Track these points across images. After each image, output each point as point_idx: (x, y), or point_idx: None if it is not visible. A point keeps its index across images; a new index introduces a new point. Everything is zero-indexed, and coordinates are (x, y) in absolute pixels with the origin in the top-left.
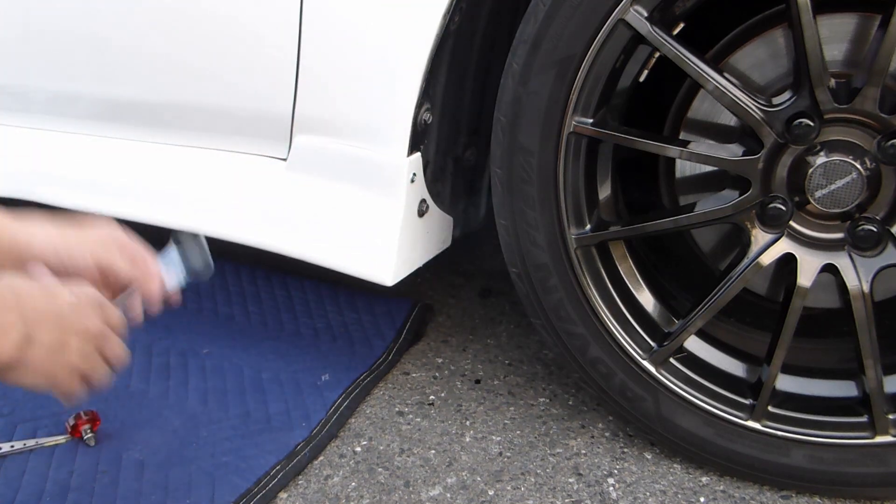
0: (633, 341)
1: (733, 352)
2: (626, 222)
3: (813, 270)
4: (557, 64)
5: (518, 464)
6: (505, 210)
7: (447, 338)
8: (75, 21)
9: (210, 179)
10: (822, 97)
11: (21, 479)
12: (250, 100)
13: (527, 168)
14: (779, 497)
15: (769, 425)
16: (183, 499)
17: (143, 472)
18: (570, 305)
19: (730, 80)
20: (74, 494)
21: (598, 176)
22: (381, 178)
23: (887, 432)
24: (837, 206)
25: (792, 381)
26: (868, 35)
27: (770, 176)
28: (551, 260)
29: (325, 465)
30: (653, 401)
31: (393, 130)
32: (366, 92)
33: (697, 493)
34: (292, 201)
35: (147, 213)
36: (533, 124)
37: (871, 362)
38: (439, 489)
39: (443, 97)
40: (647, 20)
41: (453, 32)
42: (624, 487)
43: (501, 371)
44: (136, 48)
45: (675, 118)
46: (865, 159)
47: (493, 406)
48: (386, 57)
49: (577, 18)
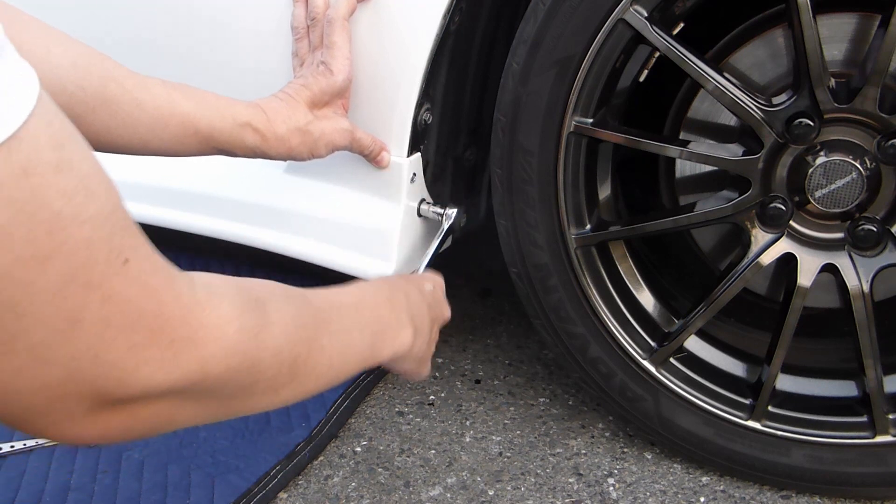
0: (633, 341)
1: (733, 352)
2: (626, 222)
3: (813, 270)
4: (557, 64)
5: (518, 464)
6: (505, 210)
7: (447, 338)
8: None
9: (210, 180)
10: (822, 97)
11: (21, 479)
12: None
13: (527, 168)
14: (779, 497)
15: (769, 425)
16: (183, 499)
17: (143, 472)
18: (570, 305)
19: (730, 80)
20: (74, 494)
21: (598, 176)
22: (381, 179)
23: (887, 432)
24: (837, 206)
25: (792, 380)
26: (868, 35)
27: (770, 176)
28: (551, 260)
29: (325, 466)
30: (653, 401)
31: (393, 130)
32: (365, 92)
33: (697, 493)
34: (292, 202)
35: (153, 211)
36: (533, 124)
37: (871, 362)
38: (439, 489)
39: (443, 97)
40: (646, 20)
41: (453, 32)
42: (624, 487)
43: (501, 371)
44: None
45: (675, 118)
46: (865, 159)
47: (493, 406)
48: (386, 57)
49: (577, 18)
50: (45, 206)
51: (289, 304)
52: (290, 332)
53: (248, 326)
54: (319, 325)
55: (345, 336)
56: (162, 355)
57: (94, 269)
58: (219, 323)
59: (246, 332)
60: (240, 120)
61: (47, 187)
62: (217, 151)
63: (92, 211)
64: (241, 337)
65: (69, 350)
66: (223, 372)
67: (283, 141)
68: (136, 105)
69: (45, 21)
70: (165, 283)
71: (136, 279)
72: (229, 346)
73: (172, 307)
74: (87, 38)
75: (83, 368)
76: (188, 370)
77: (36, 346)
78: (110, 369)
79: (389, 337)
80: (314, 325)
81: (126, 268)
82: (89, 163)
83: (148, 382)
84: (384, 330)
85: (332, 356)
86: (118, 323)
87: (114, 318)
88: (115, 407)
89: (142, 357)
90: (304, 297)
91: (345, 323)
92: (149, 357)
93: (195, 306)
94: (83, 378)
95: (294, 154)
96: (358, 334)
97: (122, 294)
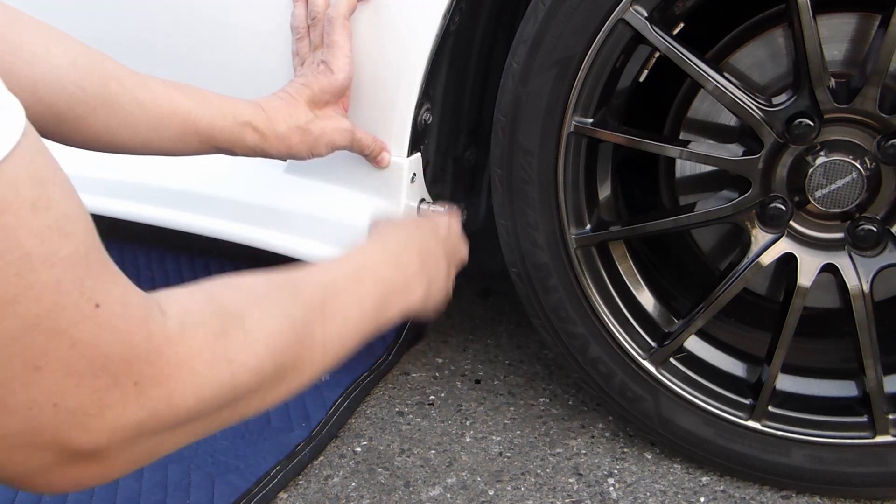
0: (633, 341)
1: (733, 352)
2: (626, 222)
3: (813, 270)
4: (557, 64)
5: (518, 464)
6: (505, 210)
7: (447, 338)
8: None
9: (209, 180)
10: (822, 97)
11: None
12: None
13: (527, 168)
14: (779, 497)
15: (769, 425)
16: (183, 499)
17: (143, 472)
18: (570, 305)
19: (730, 80)
20: (74, 494)
21: (598, 176)
22: (381, 179)
23: (887, 432)
24: (837, 206)
25: (792, 381)
26: (868, 35)
27: (770, 176)
28: (551, 260)
29: (325, 466)
30: (653, 401)
31: (393, 130)
32: (365, 92)
33: (697, 493)
34: (292, 202)
35: (153, 211)
36: (533, 124)
37: (871, 362)
38: (439, 489)
39: (443, 97)
40: (646, 20)
41: (453, 32)
42: (624, 487)
43: (501, 371)
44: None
45: (675, 118)
46: (865, 159)
47: (493, 406)
48: (386, 57)
49: (577, 18)
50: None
51: (272, 308)
52: (273, 342)
53: (221, 354)
54: (309, 318)
55: (340, 318)
56: (125, 397)
57: (61, 315)
58: (187, 358)
59: (218, 361)
60: (240, 119)
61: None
62: (218, 150)
63: (64, 253)
64: (211, 369)
65: (27, 397)
66: (195, 404)
67: (284, 139)
68: (137, 104)
69: (45, 21)
70: (137, 325)
71: (107, 324)
72: (198, 380)
73: (141, 349)
74: (87, 38)
75: (42, 417)
76: (155, 409)
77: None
78: (72, 416)
79: (396, 298)
80: (302, 322)
81: (97, 311)
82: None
83: (113, 425)
84: (390, 292)
85: (326, 344)
86: (82, 370)
87: (78, 365)
88: (86, 458)
89: (105, 401)
90: (293, 289)
91: (341, 303)
92: (113, 400)
93: (164, 344)
94: (42, 428)
95: (294, 153)
96: (357, 310)
97: (90, 340)
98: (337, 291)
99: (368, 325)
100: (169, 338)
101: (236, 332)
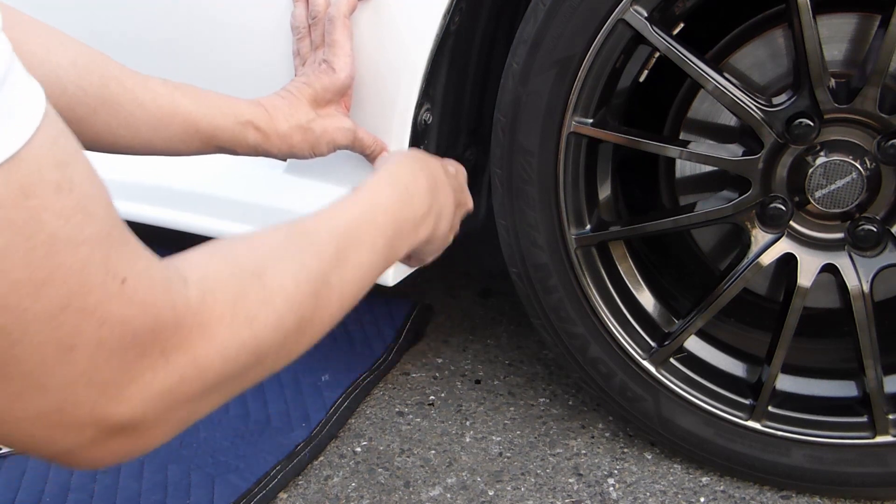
0: (633, 341)
1: (733, 352)
2: (626, 222)
3: (813, 270)
4: (557, 64)
5: (518, 464)
6: (505, 210)
7: (447, 338)
8: None
9: (209, 180)
10: (822, 97)
11: (21, 479)
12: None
13: (527, 168)
14: (779, 497)
15: (769, 425)
16: (183, 499)
17: (143, 472)
18: (570, 305)
19: (730, 80)
20: (74, 494)
21: (598, 176)
22: None
23: (887, 432)
24: (837, 206)
25: (792, 381)
26: (868, 35)
27: (770, 176)
28: (551, 260)
29: (325, 466)
30: (653, 401)
31: (393, 130)
32: (365, 92)
33: (697, 493)
34: (292, 202)
35: (153, 211)
36: (533, 124)
37: (871, 362)
38: (439, 489)
39: (443, 97)
40: (646, 20)
41: (453, 32)
42: (624, 487)
43: (501, 371)
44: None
45: (675, 118)
46: (865, 159)
47: (493, 406)
48: (386, 57)
49: (577, 18)
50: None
51: (288, 262)
52: (291, 297)
53: (242, 315)
54: (325, 267)
55: (355, 262)
56: (154, 365)
57: (89, 294)
58: (209, 322)
59: (239, 322)
60: (242, 118)
61: (45, 209)
62: (219, 150)
63: (88, 232)
64: (233, 331)
65: (62, 377)
66: (221, 366)
67: (285, 138)
68: (138, 105)
69: (45, 21)
70: (161, 297)
71: (133, 299)
72: (222, 342)
73: (166, 319)
74: (87, 38)
75: (78, 394)
76: (184, 374)
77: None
78: (105, 390)
79: (406, 235)
80: (319, 272)
81: (123, 288)
82: (90, 182)
83: (145, 394)
84: (400, 229)
85: (342, 290)
86: (112, 345)
87: (109, 341)
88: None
89: (135, 372)
90: (308, 238)
91: (354, 248)
92: (142, 370)
93: (187, 312)
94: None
95: (296, 152)
96: (370, 254)
97: (119, 316)
98: (350, 236)
99: (380, 265)
100: (191, 305)
101: (256, 290)
